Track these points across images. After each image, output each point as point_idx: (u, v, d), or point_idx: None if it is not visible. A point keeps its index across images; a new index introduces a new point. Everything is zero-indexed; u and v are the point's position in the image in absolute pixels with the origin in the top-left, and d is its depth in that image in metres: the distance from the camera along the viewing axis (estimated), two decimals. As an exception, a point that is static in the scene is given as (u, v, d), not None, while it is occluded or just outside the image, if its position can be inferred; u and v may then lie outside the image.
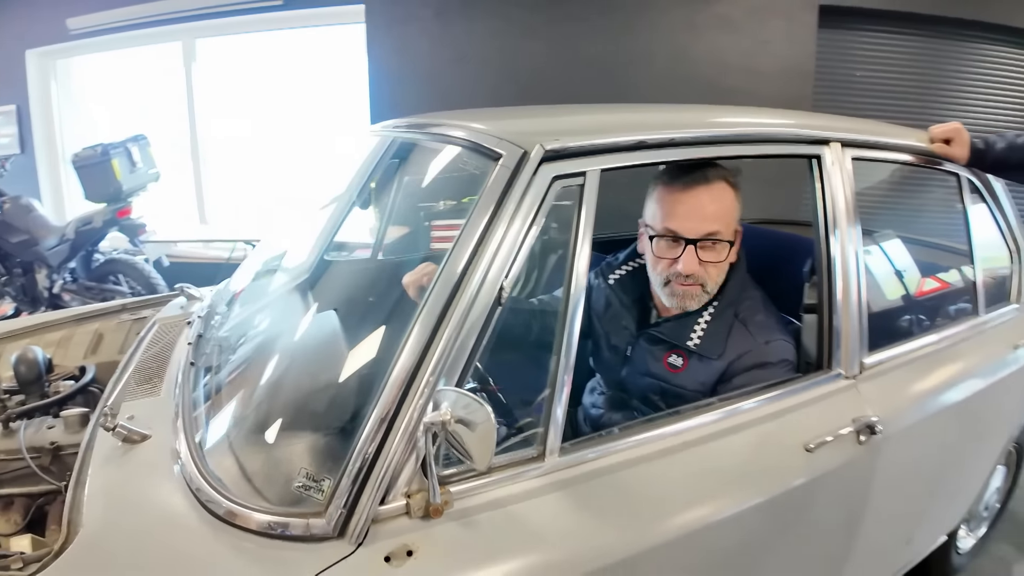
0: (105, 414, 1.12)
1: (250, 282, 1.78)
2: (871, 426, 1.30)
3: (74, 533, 0.95)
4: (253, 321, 1.55)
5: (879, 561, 1.68)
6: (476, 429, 0.83)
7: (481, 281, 0.94)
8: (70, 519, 0.99)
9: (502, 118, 1.30)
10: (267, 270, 1.83)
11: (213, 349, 1.40)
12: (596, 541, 1.00)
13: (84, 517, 0.98)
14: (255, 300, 1.69)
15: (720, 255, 1.34)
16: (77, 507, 1.01)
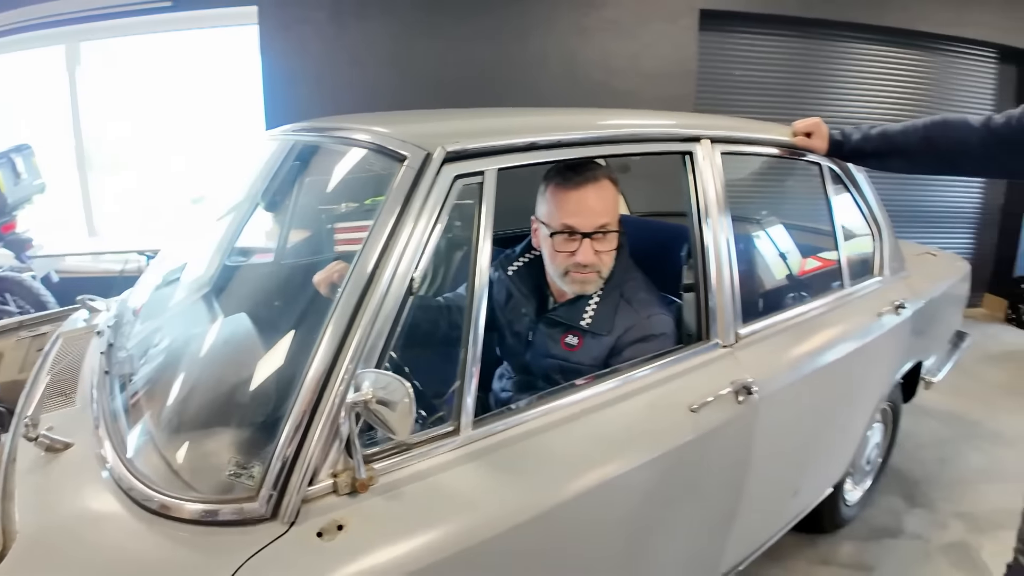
0: (27, 425, 1.13)
1: (156, 290, 1.79)
2: (747, 387, 1.48)
3: (11, 541, 0.96)
4: (164, 327, 1.57)
5: (769, 512, 1.88)
6: (396, 403, 0.91)
7: (392, 274, 1.02)
8: (4, 529, 1.00)
9: (404, 122, 1.39)
10: (172, 277, 1.84)
11: (127, 357, 1.42)
12: (510, 502, 1.10)
13: (18, 525, 0.99)
14: (164, 306, 1.70)
15: (611, 244, 1.50)
16: (9, 517, 1.02)
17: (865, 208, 2.22)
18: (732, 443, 1.52)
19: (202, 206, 4.54)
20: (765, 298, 1.85)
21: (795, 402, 1.71)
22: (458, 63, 4.10)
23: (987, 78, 5.52)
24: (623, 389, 1.35)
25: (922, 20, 4.89)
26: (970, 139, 1.62)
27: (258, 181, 1.89)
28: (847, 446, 2.19)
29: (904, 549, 2.48)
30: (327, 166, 1.73)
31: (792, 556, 2.39)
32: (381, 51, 4.10)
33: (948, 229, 5.80)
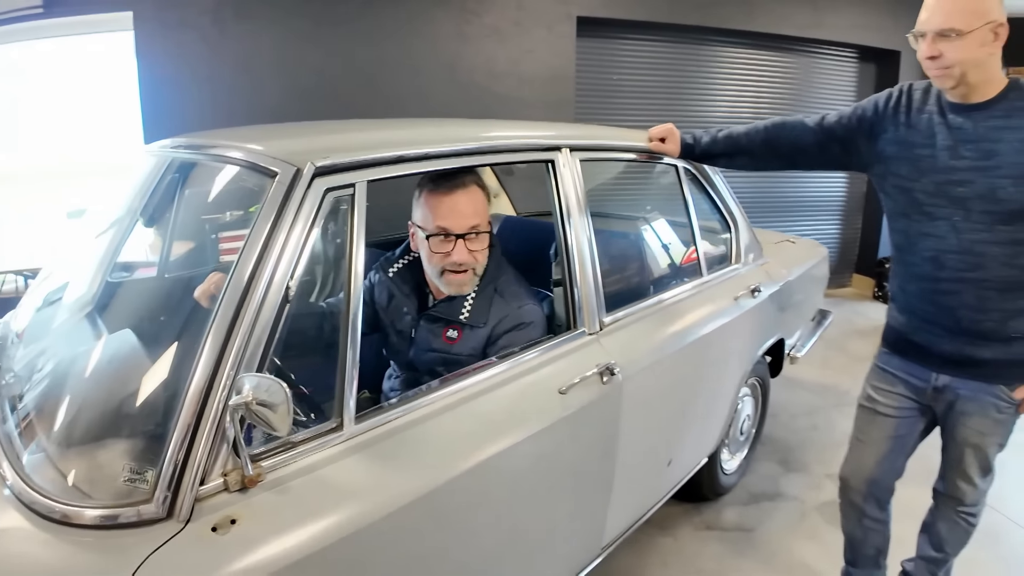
0: None
1: (39, 310, 1.77)
2: (610, 368, 1.65)
3: None
4: (51, 347, 1.57)
5: (646, 482, 2.05)
6: (275, 404, 0.99)
7: (268, 283, 1.10)
8: None
9: (277, 137, 1.46)
10: (55, 297, 1.83)
11: (15, 378, 1.42)
12: (393, 488, 1.20)
13: None
14: (49, 326, 1.69)
15: (483, 244, 1.63)
16: None
17: (720, 204, 2.45)
18: (601, 420, 1.68)
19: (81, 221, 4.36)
20: (628, 289, 2.04)
21: (658, 380, 1.89)
22: (342, 68, 4.13)
23: (848, 76, 6.02)
24: (497, 378, 1.48)
25: (785, 24, 5.29)
26: (805, 138, 1.83)
27: (137, 196, 1.90)
28: (716, 418, 2.40)
29: (782, 510, 2.74)
30: (205, 181, 1.77)
31: (679, 524, 2.60)
32: (264, 56, 4.07)
33: (819, 217, 6.30)
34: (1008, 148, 1.47)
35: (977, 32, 1.43)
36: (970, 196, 1.52)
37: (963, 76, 1.48)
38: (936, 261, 1.60)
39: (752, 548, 2.48)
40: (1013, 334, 1.58)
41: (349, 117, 3.91)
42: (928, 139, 1.58)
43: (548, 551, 1.65)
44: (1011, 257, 1.52)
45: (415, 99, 4.17)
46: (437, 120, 1.94)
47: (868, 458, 1.85)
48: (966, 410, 1.68)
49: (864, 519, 1.92)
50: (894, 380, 1.79)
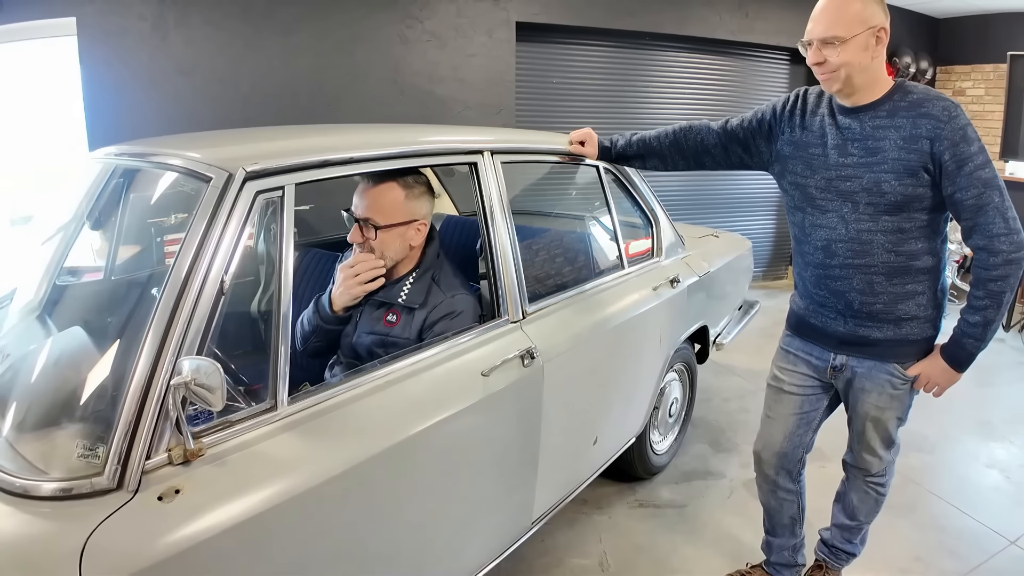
0: None
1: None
2: (531, 352, 1.80)
3: None
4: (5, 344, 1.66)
5: (573, 458, 2.20)
6: (211, 383, 1.11)
7: (204, 278, 1.21)
8: None
9: (213, 144, 1.57)
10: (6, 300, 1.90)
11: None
12: (323, 461, 1.33)
13: None
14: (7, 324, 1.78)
15: (371, 235, 1.79)
16: None
17: (641, 202, 2.62)
18: (523, 400, 1.83)
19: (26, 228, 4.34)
20: (552, 281, 2.19)
21: (578, 364, 2.05)
22: (284, 74, 4.19)
23: (781, 77, 6.30)
24: (425, 362, 1.62)
25: (718, 29, 5.52)
26: (709, 140, 1.99)
27: (83, 203, 1.97)
28: (640, 400, 2.57)
29: (712, 487, 2.91)
30: (148, 188, 1.86)
31: (614, 503, 2.76)
32: (207, 62, 4.11)
33: (755, 214, 6.56)
34: (890, 145, 1.59)
35: (859, 37, 1.54)
36: (857, 190, 1.64)
37: (848, 79, 1.59)
38: (828, 249, 1.72)
39: (683, 523, 2.65)
40: (903, 316, 1.70)
41: (291, 122, 3.99)
42: (820, 139, 1.71)
43: (477, 524, 1.79)
44: (895, 244, 1.64)
45: (358, 104, 4.26)
46: (367, 125, 2.07)
47: (777, 433, 1.99)
48: (864, 387, 1.81)
49: (778, 491, 2.07)
50: (797, 360, 1.92)
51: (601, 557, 2.43)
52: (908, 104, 1.59)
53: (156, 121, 3.96)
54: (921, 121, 1.56)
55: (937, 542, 2.50)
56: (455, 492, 1.67)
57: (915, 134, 1.56)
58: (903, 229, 1.63)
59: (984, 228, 1.55)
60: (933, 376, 1.73)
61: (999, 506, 2.75)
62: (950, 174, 1.55)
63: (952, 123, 1.54)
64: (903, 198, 1.59)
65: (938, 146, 1.54)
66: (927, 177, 1.58)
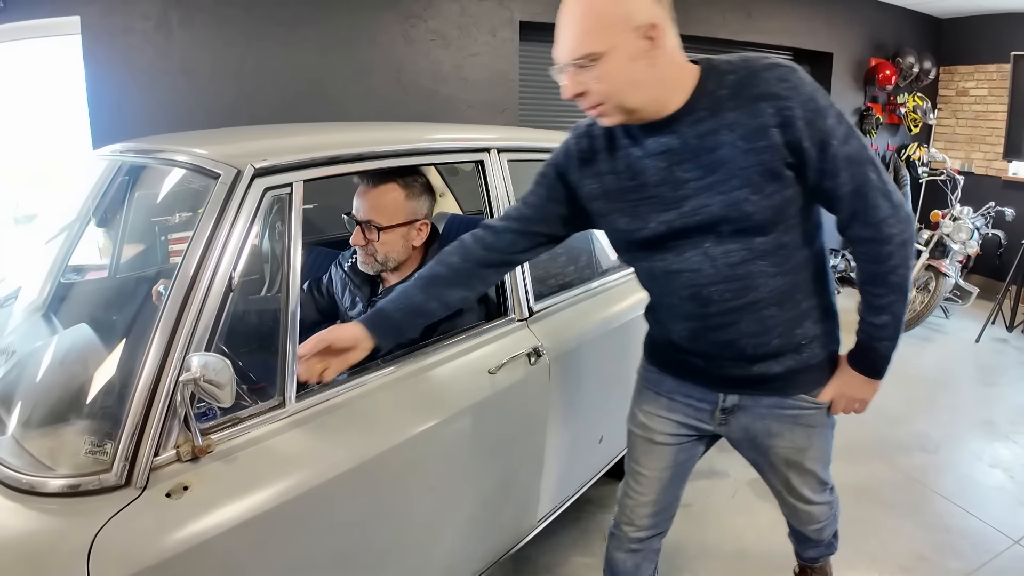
0: None
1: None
2: (537, 350, 1.80)
3: None
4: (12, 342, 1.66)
5: (578, 457, 2.19)
6: (220, 379, 1.11)
7: (212, 274, 1.21)
8: None
9: (220, 141, 1.57)
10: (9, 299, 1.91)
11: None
12: (331, 458, 1.33)
13: None
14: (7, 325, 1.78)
15: (374, 237, 1.79)
16: None
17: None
18: (529, 398, 1.83)
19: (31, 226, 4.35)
20: (558, 279, 2.18)
21: (584, 362, 2.05)
22: (288, 73, 4.18)
23: (783, 76, 6.29)
24: (432, 359, 1.62)
25: (721, 28, 5.50)
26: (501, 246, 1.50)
27: (88, 200, 1.98)
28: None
29: (716, 487, 2.91)
30: (154, 184, 1.86)
31: (617, 502, 2.76)
32: (211, 61, 4.10)
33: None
34: (731, 152, 1.19)
35: (621, 47, 1.13)
36: (713, 220, 1.24)
37: (621, 106, 1.19)
38: (698, 298, 1.32)
39: (688, 522, 2.63)
40: (802, 340, 1.36)
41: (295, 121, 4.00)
42: (634, 179, 1.29)
43: (483, 522, 1.79)
44: (779, 264, 1.28)
45: (361, 102, 4.25)
46: (373, 123, 2.07)
47: (650, 492, 1.59)
48: (770, 430, 1.45)
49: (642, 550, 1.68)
50: (672, 405, 1.51)
51: (606, 555, 2.42)
52: (731, 89, 1.20)
53: (160, 119, 3.96)
54: (759, 106, 1.17)
55: (941, 541, 2.49)
56: (462, 490, 1.67)
57: (757, 125, 1.18)
58: (784, 244, 1.27)
59: (867, 215, 1.24)
60: (849, 393, 1.42)
61: (1003, 506, 2.74)
62: (812, 161, 1.19)
63: (798, 95, 1.17)
64: (774, 212, 1.23)
65: (792, 131, 1.17)
66: (792, 174, 1.21)
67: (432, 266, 1.49)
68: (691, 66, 1.23)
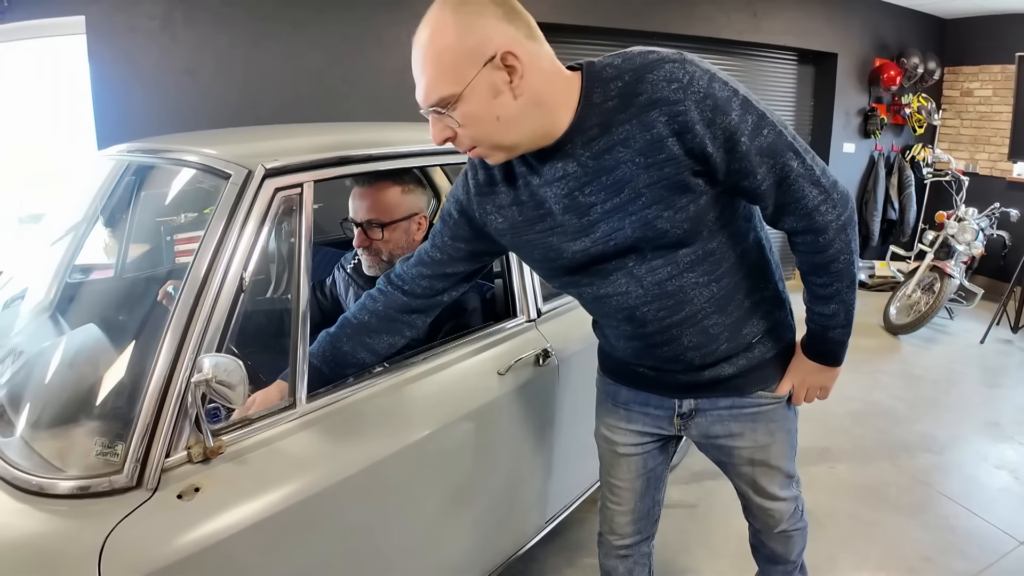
0: None
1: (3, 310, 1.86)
2: (546, 352, 1.79)
3: None
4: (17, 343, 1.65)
5: (585, 458, 2.11)
6: (232, 380, 1.10)
7: (224, 274, 1.21)
8: None
9: (230, 142, 1.57)
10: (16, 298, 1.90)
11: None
12: (342, 459, 1.33)
13: None
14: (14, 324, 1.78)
15: (378, 236, 1.80)
16: None
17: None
18: (538, 400, 1.82)
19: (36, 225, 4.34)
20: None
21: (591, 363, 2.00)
22: (293, 73, 4.18)
23: (788, 77, 6.28)
24: (443, 359, 1.61)
25: (725, 29, 5.49)
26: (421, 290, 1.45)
27: (95, 200, 1.98)
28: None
29: (722, 488, 2.86)
30: (163, 184, 1.86)
31: (623, 502, 2.76)
32: (215, 60, 4.10)
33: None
34: (632, 169, 1.08)
35: (476, 84, 1.01)
36: (630, 243, 1.16)
37: (496, 145, 1.09)
38: (633, 319, 1.25)
39: (694, 523, 2.64)
40: (752, 340, 1.30)
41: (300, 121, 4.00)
42: (538, 209, 1.20)
43: (492, 522, 1.79)
44: (711, 272, 1.20)
45: (366, 102, 4.25)
46: (382, 123, 2.06)
47: (627, 501, 1.55)
48: (731, 431, 1.38)
49: (633, 555, 1.63)
50: (630, 415, 1.46)
51: (612, 557, 2.42)
52: (619, 99, 1.07)
53: (165, 119, 3.96)
54: (649, 116, 1.05)
55: (946, 542, 2.49)
56: (470, 491, 1.67)
57: (652, 137, 1.06)
58: (711, 251, 1.19)
59: (795, 207, 1.14)
60: (810, 381, 1.36)
61: (1008, 507, 2.73)
62: (721, 163, 1.08)
63: (690, 94, 1.03)
64: (691, 224, 1.13)
65: (691, 138, 1.05)
66: (702, 181, 1.10)
67: (357, 314, 1.44)
68: (571, 76, 1.11)
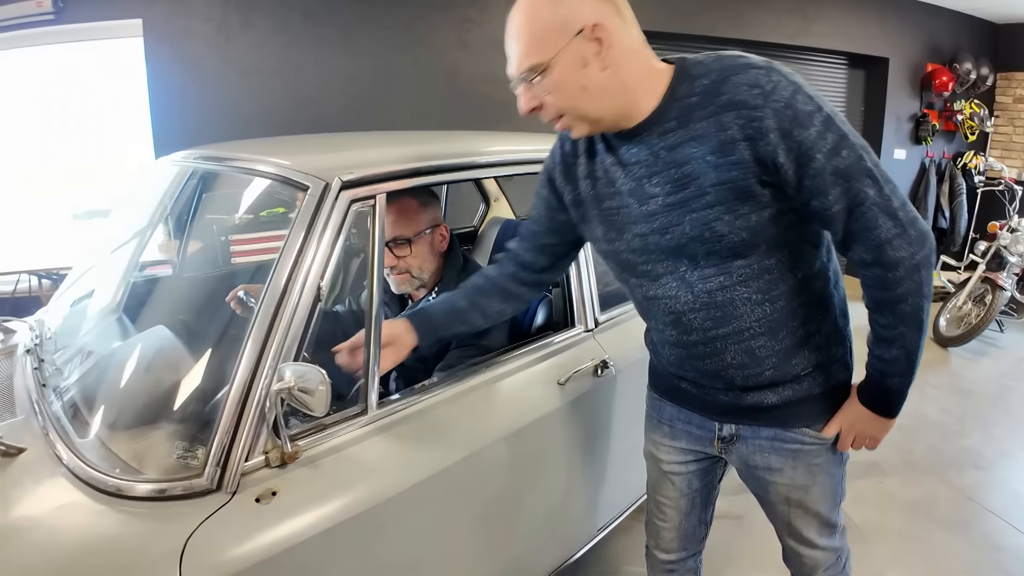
0: None
1: (72, 307, 1.93)
2: (605, 363, 1.80)
3: None
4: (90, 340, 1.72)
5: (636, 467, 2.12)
6: (313, 386, 1.13)
7: (303, 285, 1.24)
8: None
9: (302, 152, 1.60)
10: (86, 296, 1.97)
11: (61, 370, 1.56)
12: (411, 465, 1.35)
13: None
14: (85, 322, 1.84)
15: (406, 252, 1.82)
16: None
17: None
18: (596, 409, 1.84)
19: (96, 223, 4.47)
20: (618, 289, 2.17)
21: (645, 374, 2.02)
22: (344, 77, 4.24)
23: (838, 80, 6.19)
24: (504, 368, 1.64)
25: (774, 32, 5.43)
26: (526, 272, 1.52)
27: (160, 203, 2.04)
28: (703, 410, 2.54)
29: None
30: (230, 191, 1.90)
31: (668, 512, 2.75)
32: (269, 64, 4.18)
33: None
34: (701, 166, 1.09)
35: (565, 55, 1.06)
36: (684, 241, 1.14)
37: (582, 116, 1.12)
38: (679, 324, 1.24)
39: (740, 532, 2.62)
40: (800, 371, 1.24)
41: (352, 125, 4.05)
42: (609, 187, 1.22)
43: (546, 530, 1.80)
44: (765, 291, 1.17)
45: (417, 106, 4.29)
46: (446, 133, 2.09)
47: (671, 518, 1.54)
48: (770, 464, 1.32)
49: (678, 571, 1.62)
50: (674, 432, 1.44)
51: (658, 566, 2.42)
52: (701, 96, 1.09)
53: (219, 121, 4.05)
54: (726, 116, 1.06)
55: (992, 561, 2.45)
56: (529, 499, 1.68)
57: (725, 139, 1.06)
58: (768, 268, 1.16)
59: (866, 237, 1.08)
60: (859, 429, 1.27)
61: (1058, 526, 2.67)
62: (794, 179, 1.06)
63: (771, 102, 1.03)
64: (751, 233, 1.11)
65: (763, 145, 1.04)
66: (769, 193, 1.08)
67: (474, 278, 1.53)
68: (663, 67, 1.13)
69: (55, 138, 4.56)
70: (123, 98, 4.43)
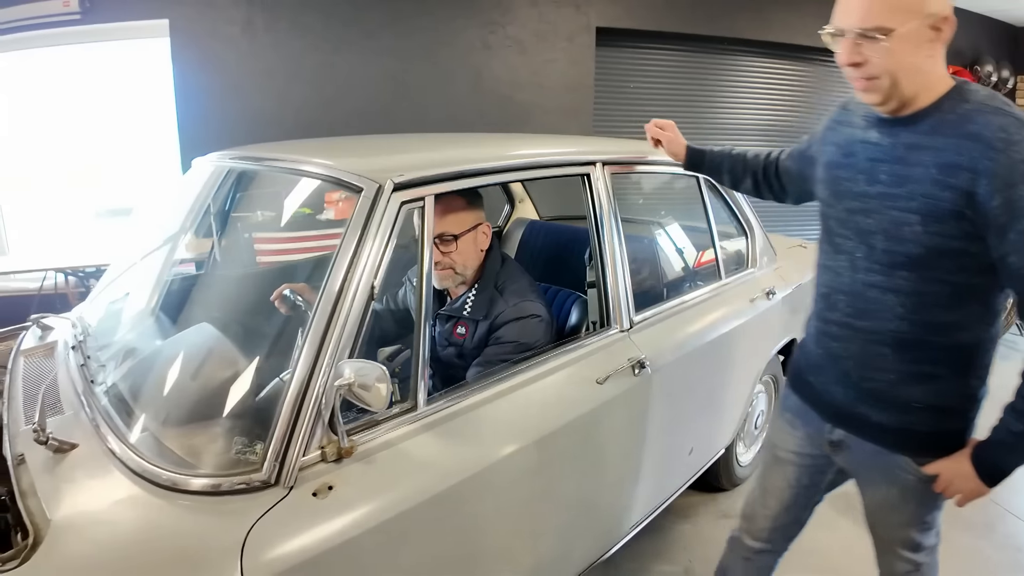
0: (36, 431, 1.26)
1: (113, 304, 1.96)
2: (641, 362, 1.82)
3: (43, 530, 1.08)
4: (137, 336, 1.75)
5: (670, 467, 2.22)
6: (372, 383, 1.16)
7: (358, 284, 1.27)
8: (32, 522, 1.10)
9: (350, 154, 1.63)
10: (125, 292, 2.00)
11: (108, 366, 1.60)
12: (460, 460, 1.38)
13: (48, 515, 1.11)
14: (126, 319, 1.87)
15: (451, 248, 1.86)
16: (33, 511, 1.13)
17: (737, 211, 2.61)
18: (632, 409, 1.86)
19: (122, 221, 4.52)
20: (656, 290, 2.21)
21: (682, 374, 2.06)
22: (369, 78, 4.28)
23: (860, 84, 6.15)
24: (543, 368, 1.66)
25: (798, 34, 5.41)
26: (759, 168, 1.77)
27: (197, 202, 2.07)
28: (734, 411, 2.57)
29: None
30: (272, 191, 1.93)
31: (698, 513, 2.77)
32: (293, 64, 4.23)
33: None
34: (922, 174, 1.16)
35: (912, 29, 1.10)
36: (875, 230, 1.24)
37: (894, 88, 1.16)
38: (828, 299, 1.36)
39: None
40: (912, 402, 1.28)
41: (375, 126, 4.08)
42: (847, 158, 1.32)
43: (582, 526, 1.82)
44: (910, 311, 1.23)
45: (440, 107, 4.32)
46: (487, 136, 2.12)
47: (770, 507, 1.62)
48: (870, 477, 1.41)
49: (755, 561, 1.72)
50: (794, 423, 1.52)
51: (687, 564, 2.44)
52: (957, 117, 1.15)
53: (243, 120, 4.08)
54: (965, 145, 1.11)
55: (1015, 562, 2.46)
56: (568, 496, 1.71)
57: (954, 162, 1.12)
58: (922, 292, 1.21)
59: None
60: (958, 484, 1.28)
61: (1078, 528, 2.67)
62: (999, 228, 1.09)
63: (1011, 152, 1.07)
64: (927, 251, 1.17)
65: (983, 184, 1.08)
66: (961, 227, 1.14)
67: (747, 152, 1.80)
68: (949, 80, 1.20)
69: (81, 137, 4.61)
70: (147, 98, 4.47)
